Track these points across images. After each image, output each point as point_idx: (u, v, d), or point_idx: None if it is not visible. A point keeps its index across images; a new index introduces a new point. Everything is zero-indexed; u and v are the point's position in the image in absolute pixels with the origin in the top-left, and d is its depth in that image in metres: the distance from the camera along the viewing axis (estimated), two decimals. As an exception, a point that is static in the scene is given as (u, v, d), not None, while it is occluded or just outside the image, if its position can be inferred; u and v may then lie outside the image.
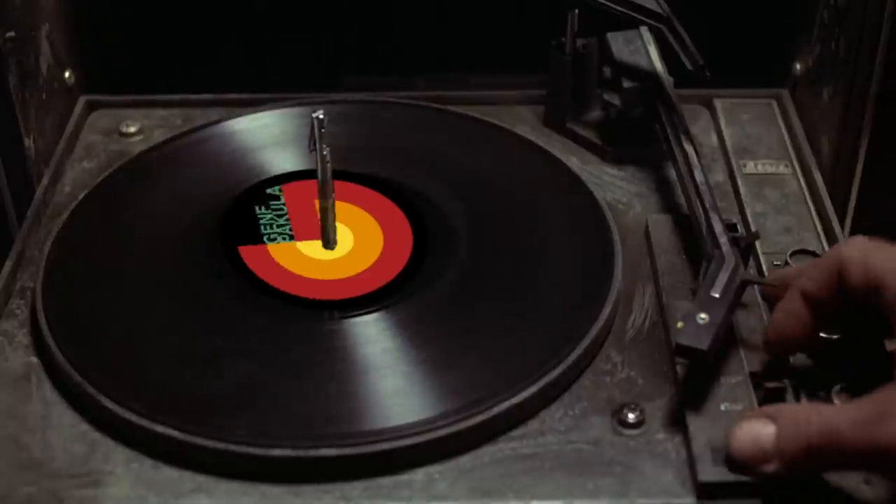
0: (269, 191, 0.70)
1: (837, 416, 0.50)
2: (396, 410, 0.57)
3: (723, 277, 0.58)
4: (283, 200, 0.70)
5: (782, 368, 0.58)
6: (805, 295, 0.56)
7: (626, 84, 0.72)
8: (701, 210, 0.63)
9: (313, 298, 0.64)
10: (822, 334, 0.57)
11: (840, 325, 0.58)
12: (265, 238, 0.67)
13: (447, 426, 0.55)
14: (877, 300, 0.53)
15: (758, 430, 0.52)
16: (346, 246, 0.68)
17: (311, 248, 0.67)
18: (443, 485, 0.54)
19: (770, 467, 0.51)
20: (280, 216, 0.68)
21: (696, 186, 0.65)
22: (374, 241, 0.68)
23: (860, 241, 0.55)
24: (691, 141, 0.68)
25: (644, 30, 0.74)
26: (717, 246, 0.60)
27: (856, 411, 0.50)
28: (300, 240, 0.67)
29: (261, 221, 0.68)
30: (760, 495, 0.53)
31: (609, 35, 0.74)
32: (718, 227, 0.61)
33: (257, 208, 0.69)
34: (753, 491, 0.53)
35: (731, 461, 0.53)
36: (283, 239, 0.67)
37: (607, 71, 0.74)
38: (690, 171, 0.66)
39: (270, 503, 0.54)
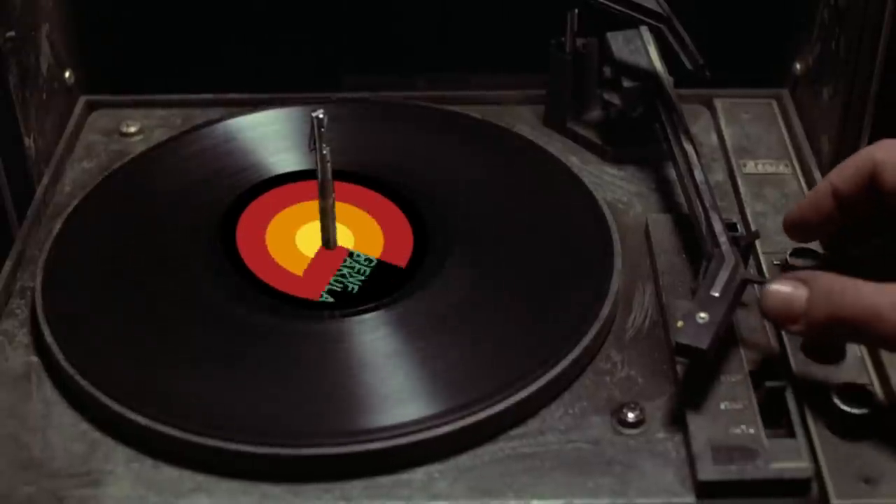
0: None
1: (877, 295, 0.52)
2: (396, 409, 0.57)
3: (723, 276, 0.58)
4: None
5: (782, 367, 0.58)
6: (834, 188, 0.58)
7: (626, 84, 0.72)
8: (701, 209, 0.63)
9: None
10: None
11: (872, 229, 0.60)
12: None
13: (447, 425, 0.55)
14: None
15: (790, 292, 0.54)
16: (346, 246, 0.68)
17: (312, 249, 0.67)
18: (442, 484, 0.54)
19: (796, 328, 0.54)
20: None
21: (696, 186, 0.65)
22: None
23: (890, 143, 0.57)
24: (691, 140, 0.68)
25: (644, 29, 0.74)
26: (717, 245, 0.60)
27: (893, 294, 0.51)
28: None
29: None
30: (760, 495, 0.53)
31: (609, 35, 0.74)
32: (718, 227, 0.61)
33: None
34: (753, 490, 0.53)
35: (764, 314, 0.56)
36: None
37: (607, 71, 0.74)
38: (690, 171, 0.66)
39: (270, 503, 0.54)
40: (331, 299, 0.63)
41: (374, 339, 0.61)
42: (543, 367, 0.58)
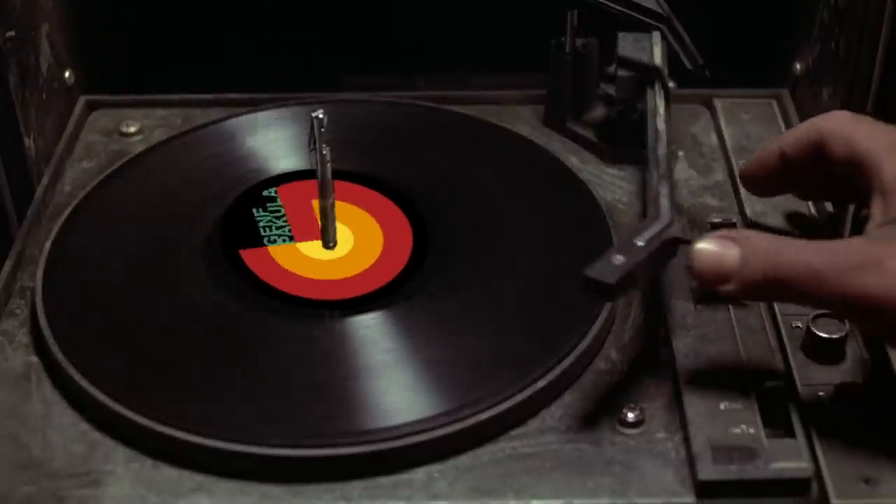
0: (265, 193, 0.70)
1: (818, 254, 0.52)
2: (396, 410, 0.57)
3: (652, 230, 0.58)
4: (279, 202, 0.70)
5: (782, 367, 0.58)
6: (781, 150, 0.61)
7: (622, 73, 0.72)
8: (655, 178, 0.64)
9: (313, 298, 0.64)
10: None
11: (820, 193, 0.62)
12: (265, 240, 0.67)
13: (447, 425, 0.55)
14: (858, 174, 0.56)
15: (720, 250, 0.53)
16: (346, 246, 0.68)
17: (311, 249, 0.67)
18: (442, 484, 0.54)
19: (727, 287, 0.53)
20: (278, 218, 0.68)
21: (657, 159, 0.65)
22: (374, 241, 0.68)
23: (840, 114, 0.60)
24: (666, 122, 0.68)
25: (656, 34, 0.73)
26: (656, 205, 0.61)
27: (838, 256, 0.51)
28: (300, 240, 0.67)
29: (259, 224, 0.68)
30: (760, 495, 0.53)
31: (620, 34, 0.74)
32: (664, 190, 0.62)
33: (255, 211, 0.69)
34: (753, 490, 0.53)
35: (693, 275, 0.54)
36: (284, 241, 0.67)
37: (612, 68, 0.74)
38: (654, 147, 0.66)
39: (270, 503, 0.54)
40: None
41: (374, 339, 0.61)
42: (543, 367, 0.58)
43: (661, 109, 0.69)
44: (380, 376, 0.59)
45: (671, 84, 0.73)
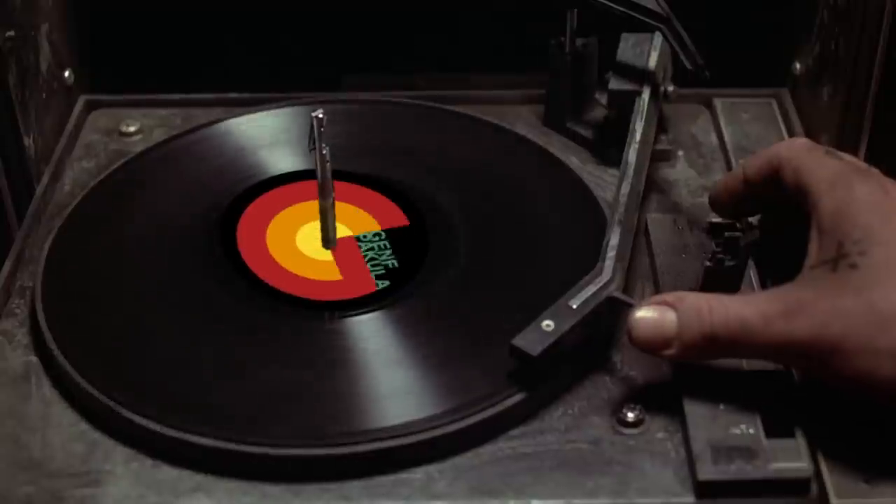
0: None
1: (744, 307, 0.53)
2: (396, 409, 0.57)
3: (588, 290, 0.58)
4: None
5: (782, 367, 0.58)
6: (745, 175, 0.61)
7: (611, 86, 0.72)
8: (610, 218, 0.63)
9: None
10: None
11: (778, 214, 0.62)
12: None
13: (447, 425, 0.55)
14: (803, 204, 0.56)
15: (659, 316, 0.54)
16: (346, 235, 0.68)
17: (311, 249, 0.67)
18: (442, 484, 0.54)
19: (670, 352, 0.54)
20: None
21: (617, 195, 0.65)
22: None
23: (799, 142, 0.60)
24: (637, 151, 0.67)
25: (657, 35, 0.73)
26: (603, 259, 0.60)
27: (766, 304, 0.52)
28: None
29: None
30: (760, 495, 0.53)
31: (623, 35, 0.74)
32: (613, 241, 0.61)
33: None
34: (753, 490, 0.53)
35: (634, 343, 0.55)
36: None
37: (607, 76, 0.74)
38: (620, 180, 0.66)
39: (270, 502, 0.54)
40: (387, 283, 0.64)
41: (374, 339, 0.61)
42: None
43: (642, 117, 0.69)
44: (379, 376, 0.59)
45: (671, 88, 0.73)
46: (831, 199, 0.55)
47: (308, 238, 0.68)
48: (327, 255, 0.67)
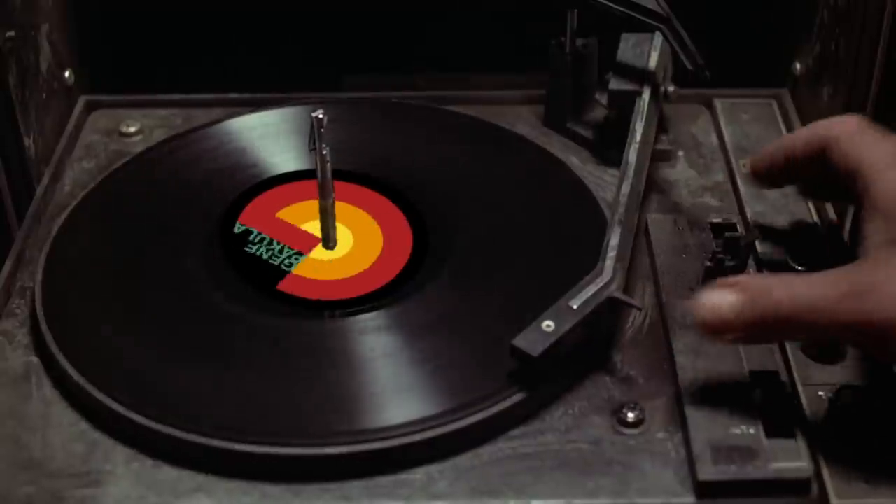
0: (236, 231, 0.68)
1: (812, 287, 0.52)
2: (396, 409, 0.57)
3: (588, 290, 0.58)
4: (255, 230, 0.68)
5: (782, 367, 0.58)
6: (791, 147, 0.60)
7: (611, 86, 0.72)
8: (610, 219, 0.63)
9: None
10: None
11: (822, 192, 0.63)
12: (284, 267, 0.65)
13: (447, 425, 0.55)
14: (854, 185, 0.56)
15: (720, 300, 0.53)
16: (346, 246, 0.68)
17: (315, 251, 0.67)
18: (442, 484, 0.54)
19: (732, 336, 0.53)
20: (270, 244, 0.67)
21: (617, 196, 0.64)
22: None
23: (853, 121, 0.59)
24: (637, 151, 0.67)
25: (657, 35, 0.73)
26: (603, 259, 0.60)
27: (834, 285, 0.51)
28: (309, 252, 0.67)
29: (263, 257, 0.66)
30: (760, 495, 0.53)
31: (623, 35, 0.74)
32: (613, 241, 0.61)
33: (247, 249, 0.67)
34: (753, 490, 0.53)
35: (701, 328, 0.54)
36: (298, 258, 0.66)
37: (607, 76, 0.74)
38: (620, 180, 0.66)
39: (270, 502, 0.54)
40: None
41: (373, 339, 0.61)
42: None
43: (642, 118, 0.69)
44: (379, 376, 0.59)
45: (671, 88, 0.73)
46: (890, 179, 0.54)
47: (308, 238, 0.68)
48: (328, 255, 0.67)
